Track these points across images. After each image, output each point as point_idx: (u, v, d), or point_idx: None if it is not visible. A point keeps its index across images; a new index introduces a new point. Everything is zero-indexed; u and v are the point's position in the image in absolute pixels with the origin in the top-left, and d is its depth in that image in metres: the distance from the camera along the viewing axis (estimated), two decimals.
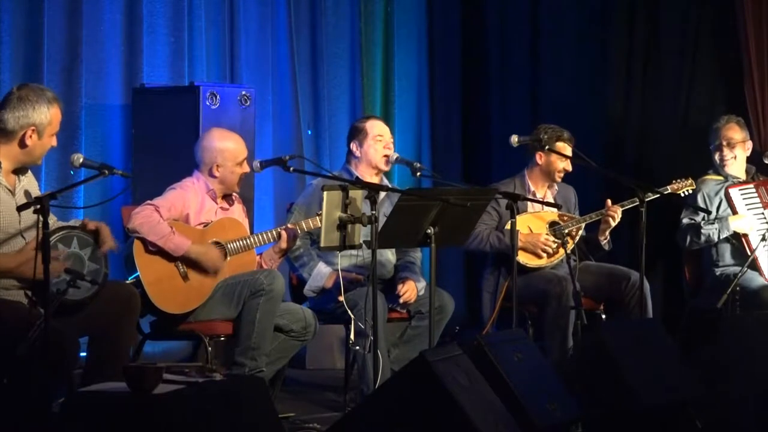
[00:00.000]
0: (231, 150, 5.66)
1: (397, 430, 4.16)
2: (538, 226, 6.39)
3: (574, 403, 4.71)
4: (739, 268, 6.44)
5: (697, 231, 6.66)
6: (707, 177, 6.82)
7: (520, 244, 6.18)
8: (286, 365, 5.76)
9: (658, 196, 6.18)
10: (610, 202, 6.36)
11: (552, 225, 6.41)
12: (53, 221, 4.83)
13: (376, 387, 5.09)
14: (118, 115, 6.85)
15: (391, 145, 6.09)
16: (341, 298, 5.72)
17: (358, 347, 5.67)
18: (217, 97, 6.47)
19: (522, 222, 6.27)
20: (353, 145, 6.05)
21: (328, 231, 4.96)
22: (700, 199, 6.73)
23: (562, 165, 6.45)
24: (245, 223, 5.79)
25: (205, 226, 5.58)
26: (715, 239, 6.65)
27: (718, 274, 6.69)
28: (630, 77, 7.91)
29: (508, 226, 5.70)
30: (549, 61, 8.19)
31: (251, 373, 5.31)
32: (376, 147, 6.01)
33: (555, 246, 6.33)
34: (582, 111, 7.84)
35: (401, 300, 5.92)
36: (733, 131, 6.79)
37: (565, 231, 6.35)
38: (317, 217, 5.51)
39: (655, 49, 7.86)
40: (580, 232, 6.45)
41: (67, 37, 6.66)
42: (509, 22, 8.38)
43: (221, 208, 5.68)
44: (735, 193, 6.66)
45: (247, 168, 5.71)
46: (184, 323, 5.49)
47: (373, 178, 5.97)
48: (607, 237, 6.41)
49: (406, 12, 8.29)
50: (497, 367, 4.48)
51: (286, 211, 6.28)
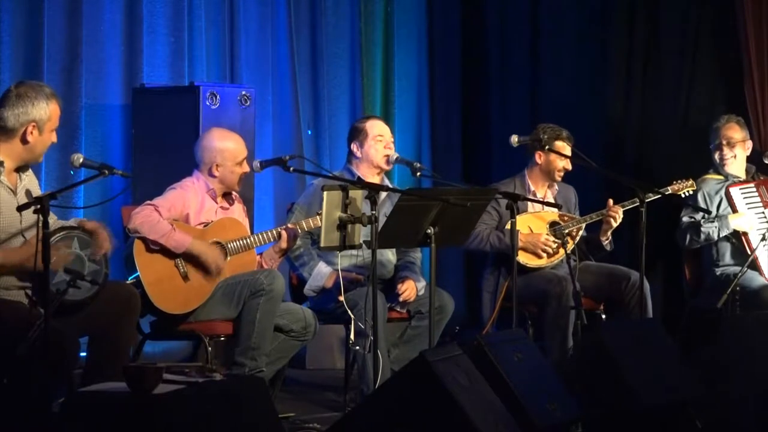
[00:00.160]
0: (231, 150, 5.65)
1: (397, 430, 4.16)
2: (539, 226, 6.39)
3: (574, 403, 4.71)
4: (739, 268, 6.44)
5: (696, 229, 6.66)
6: (708, 176, 6.82)
7: (520, 244, 6.18)
8: (286, 365, 5.76)
9: (659, 196, 6.19)
10: (611, 202, 6.35)
11: (552, 225, 6.41)
12: (54, 220, 4.84)
13: (376, 387, 5.08)
14: (118, 115, 6.85)
15: (392, 145, 6.08)
16: (341, 298, 5.71)
17: (358, 347, 5.67)
18: (217, 97, 6.47)
19: (522, 222, 6.27)
20: (354, 146, 6.04)
21: (328, 231, 4.95)
22: (701, 198, 6.73)
23: (561, 164, 6.45)
24: (245, 222, 5.79)
25: (205, 226, 5.58)
26: (715, 237, 6.65)
27: (718, 274, 6.69)
28: (630, 77, 7.91)
29: (508, 226, 5.70)
30: (549, 61, 8.19)
31: (251, 373, 5.31)
32: (377, 147, 6.00)
33: (555, 246, 6.32)
34: (582, 111, 7.84)
35: (400, 299, 5.92)
36: (733, 131, 6.80)
37: (566, 231, 6.35)
38: (317, 216, 5.51)
39: (655, 49, 7.86)
40: (581, 233, 6.45)
41: (67, 37, 6.66)
42: (509, 22, 8.37)
43: (221, 207, 5.68)
44: (735, 192, 6.66)
45: (247, 168, 5.71)
46: (184, 323, 5.49)
47: (374, 178, 5.96)
48: (609, 237, 6.41)
49: (406, 12, 8.29)
50: (497, 367, 4.48)
51: (286, 211, 6.28)
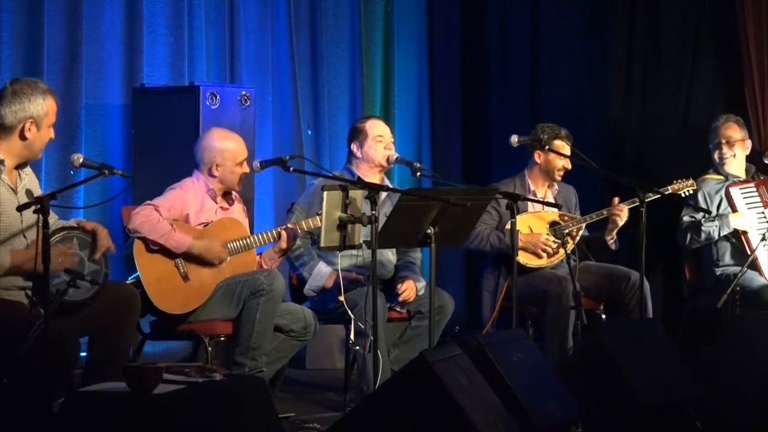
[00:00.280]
0: (231, 150, 5.65)
1: (397, 430, 4.16)
2: (539, 226, 6.39)
3: (574, 403, 4.70)
4: (739, 268, 6.44)
5: (697, 229, 6.66)
6: (708, 176, 6.82)
7: (520, 244, 6.18)
8: (286, 365, 5.76)
9: (659, 196, 6.18)
10: (617, 200, 6.34)
11: (552, 225, 6.41)
12: (54, 220, 4.85)
13: (376, 387, 5.08)
14: (118, 115, 6.85)
15: (392, 145, 6.08)
16: (341, 298, 5.71)
17: (358, 347, 5.67)
18: (217, 97, 6.47)
19: (522, 222, 6.27)
20: (354, 146, 6.04)
21: (328, 231, 4.95)
22: (701, 198, 6.73)
23: (561, 163, 6.45)
24: (245, 222, 5.79)
25: (205, 226, 5.58)
26: (716, 236, 6.65)
27: (719, 274, 6.69)
28: (630, 77, 7.90)
29: (508, 226, 5.70)
30: (549, 61, 8.19)
31: (251, 373, 5.30)
32: (377, 147, 6.00)
33: (555, 246, 6.32)
34: (582, 111, 7.83)
35: (400, 298, 5.92)
36: (732, 130, 6.80)
37: (566, 231, 6.35)
38: (317, 216, 5.51)
39: (655, 49, 7.85)
40: (581, 233, 6.45)
41: (67, 37, 6.66)
42: (509, 22, 8.37)
43: (221, 207, 5.68)
44: (735, 191, 6.66)
45: (247, 168, 5.70)
46: (184, 323, 5.49)
47: (374, 178, 5.96)
48: (614, 237, 6.40)
49: (406, 12, 8.29)
50: (497, 367, 4.47)
51: (286, 211, 6.28)
